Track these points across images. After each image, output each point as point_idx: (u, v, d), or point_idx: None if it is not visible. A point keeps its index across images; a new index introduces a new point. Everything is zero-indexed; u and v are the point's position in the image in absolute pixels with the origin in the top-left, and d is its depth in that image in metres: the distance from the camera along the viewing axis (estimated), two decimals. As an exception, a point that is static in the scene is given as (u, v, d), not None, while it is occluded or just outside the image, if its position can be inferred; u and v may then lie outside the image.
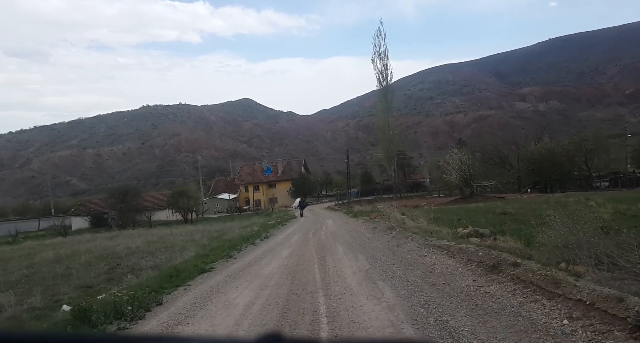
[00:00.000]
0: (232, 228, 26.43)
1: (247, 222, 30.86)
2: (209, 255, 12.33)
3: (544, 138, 48.64)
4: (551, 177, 43.41)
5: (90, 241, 27.62)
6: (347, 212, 33.86)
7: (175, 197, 45.54)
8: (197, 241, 18.83)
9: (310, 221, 26.77)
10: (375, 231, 15.45)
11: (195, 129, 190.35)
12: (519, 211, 19.70)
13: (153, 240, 22.62)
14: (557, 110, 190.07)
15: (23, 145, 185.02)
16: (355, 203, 45.76)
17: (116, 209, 49.20)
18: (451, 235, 10.42)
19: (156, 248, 17.62)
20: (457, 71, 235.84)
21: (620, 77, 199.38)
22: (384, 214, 21.04)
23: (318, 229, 19.13)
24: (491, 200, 35.49)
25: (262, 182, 75.42)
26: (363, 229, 16.84)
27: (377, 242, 12.34)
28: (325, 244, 12.98)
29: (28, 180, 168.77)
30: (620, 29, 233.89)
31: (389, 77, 53.34)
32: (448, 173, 50.92)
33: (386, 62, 53.01)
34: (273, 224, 23.32)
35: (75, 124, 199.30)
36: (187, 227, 38.35)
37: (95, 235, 37.28)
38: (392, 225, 15.19)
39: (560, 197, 32.00)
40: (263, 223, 24.80)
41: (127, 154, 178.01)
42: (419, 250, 9.63)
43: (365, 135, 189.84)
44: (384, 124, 55.19)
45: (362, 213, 25.40)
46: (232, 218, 45.65)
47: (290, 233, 18.42)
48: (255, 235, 17.60)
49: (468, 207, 27.94)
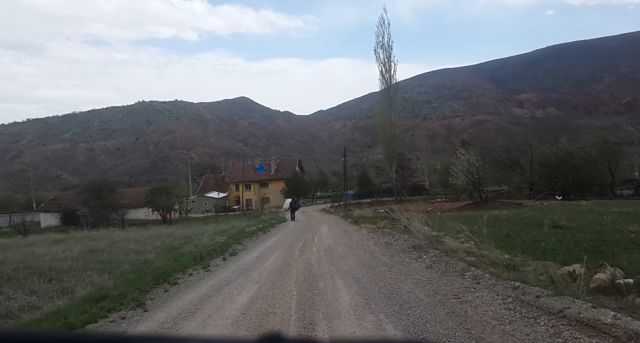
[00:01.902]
0: (205, 233, 21.12)
1: (226, 225, 25.53)
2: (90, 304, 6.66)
3: (561, 139, 43.62)
4: (569, 183, 38.41)
5: (32, 245, 22.16)
6: (344, 216, 28.58)
7: (154, 194, 40.05)
8: (140, 254, 13.50)
9: (301, 227, 21.53)
10: (392, 250, 10.22)
11: (190, 126, 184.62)
12: (573, 223, 14.56)
13: (98, 248, 17.29)
14: (554, 117, 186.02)
15: (15, 137, 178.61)
16: (352, 205, 40.60)
17: (89, 206, 43.77)
18: (563, 279, 5.16)
19: (82, 264, 12.31)
20: (455, 76, 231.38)
21: (618, 86, 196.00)
22: (396, 221, 15.83)
23: (309, 241, 13.90)
24: (509, 206, 30.23)
25: (253, 180, 70.00)
26: (372, 245, 11.58)
27: (404, 277, 7.08)
28: (317, 276, 7.71)
29: (19, 173, 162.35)
30: (618, 38, 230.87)
31: (392, 69, 48.13)
32: (455, 176, 45.79)
33: (390, 53, 47.83)
34: (252, 231, 17.98)
35: (69, 118, 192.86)
36: (161, 228, 33.07)
37: (55, 236, 31.86)
38: (419, 243, 9.96)
39: (589, 205, 26.96)
40: (241, 229, 19.44)
41: (121, 150, 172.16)
42: (523, 322, 4.36)
43: (361, 137, 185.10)
44: (385, 121, 49.97)
45: (365, 219, 20.12)
46: (215, 219, 40.23)
47: (269, 247, 13.11)
48: (219, 249, 12.28)
49: (490, 214, 22.76)
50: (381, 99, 50.75)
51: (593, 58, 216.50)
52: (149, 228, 35.81)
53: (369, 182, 77.00)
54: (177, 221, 43.72)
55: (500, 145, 49.80)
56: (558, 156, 39.66)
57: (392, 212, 32.39)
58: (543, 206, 28.35)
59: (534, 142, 46.17)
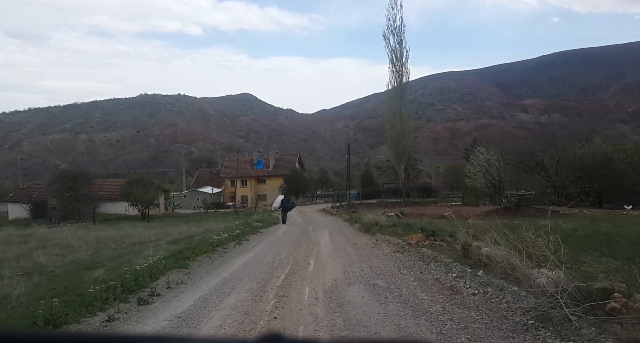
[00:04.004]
0: (166, 237, 15.43)
1: (201, 228, 19.75)
2: None
3: (593, 139, 37.85)
4: (609, 188, 32.64)
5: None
6: (349, 220, 22.79)
7: (131, 185, 34.21)
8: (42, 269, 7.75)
9: (294, 234, 15.80)
10: (484, 318, 4.49)
11: (192, 120, 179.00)
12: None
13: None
14: (559, 123, 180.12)
15: (15, 126, 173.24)
16: (357, 206, 34.81)
17: (62, 197, 38.10)
18: None
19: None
20: (460, 79, 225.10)
21: (623, 94, 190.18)
22: (437, 236, 10.10)
23: (299, 268, 8.15)
24: (544, 214, 24.47)
25: (250, 176, 64.26)
26: (421, 293, 5.79)
27: None
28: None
29: (17, 162, 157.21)
30: (624, 47, 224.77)
31: (404, 57, 42.25)
32: (472, 177, 39.95)
33: (401, 38, 41.90)
34: (223, 240, 12.18)
35: (70, 108, 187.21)
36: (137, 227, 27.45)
37: (12, 231, 26.27)
38: (544, 304, 4.22)
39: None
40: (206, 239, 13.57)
41: (121, 142, 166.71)
42: None
43: (364, 138, 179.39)
44: (395, 115, 44.13)
45: (381, 228, 14.23)
46: (201, 217, 34.46)
47: (221, 284, 7.20)
48: (153, 273, 6.59)
49: (538, 225, 17.25)
50: (390, 89, 44.77)
51: (599, 66, 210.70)
52: (122, 225, 30.23)
53: (373, 182, 71.14)
54: (159, 217, 38.00)
55: (521, 145, 43.91)
56: (595, 158, 33.83)
57: (404, 216, 26.52)
58: (595, 215, 22.56)
59: (562, 142, 40.30)
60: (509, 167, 38.37)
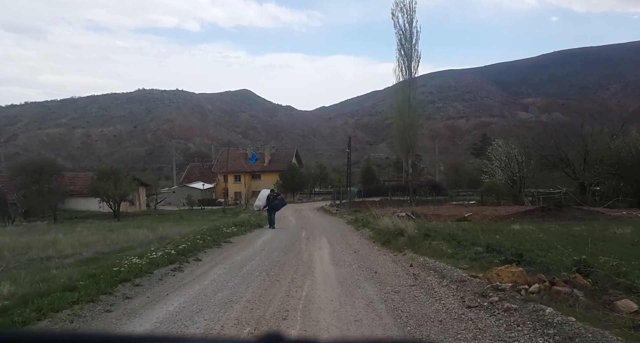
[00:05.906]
0: (95, 247, 10.33)
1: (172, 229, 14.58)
2: None
3: (629, 130, 32.74)
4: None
5: None
6: (354, 222, 17.60)
7: (101, 179, 28.95)
8: None
9: (281, 245, 10.69)
10: None
11: (190, 116, 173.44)
12: None
13: None
14: (560, 122, 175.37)
15: (11, 120, 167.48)
16: (359, 204, 29.68)
17: (26, 192, 32.89)
18: None
19: None
20: (460, 77, 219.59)
21: (624, 94, 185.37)
22: (528, 257, 4.96)
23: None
24: (595, 217, 19.24)
25: (244, 171, 59.13)
26: None
27: None
28: None
29: (12, 156, 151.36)
30: (624, 47, 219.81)
31: (414, 38, 36.97)
32: (490, 173, 34.80)
33: (411, 17, 36.65)
34: (143, 267, 7.03)
35: (66, 103, 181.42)
36: (79, 229, 22.38)
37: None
38: None
39: None
40: (155, 254, 8.40)
41: (118, 137, 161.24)
42: None
43: (363, 135, 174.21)
44: (403, 104, 38.98)
45: (410, 241, 9.02)
46: (180, 215, 29.22)
47: None
48: None
49: (605, 234, 11.89)
50: (399, 74, 39.20)
51: (599, 65, 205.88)
52: (87, 224, 25.17)
53: (374, 179, 66.01)
54: (135, 215, 32.77)
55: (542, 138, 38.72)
56: (633, 153, 28.69)
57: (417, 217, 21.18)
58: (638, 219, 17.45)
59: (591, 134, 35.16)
60: (531, 161, 33.28)
